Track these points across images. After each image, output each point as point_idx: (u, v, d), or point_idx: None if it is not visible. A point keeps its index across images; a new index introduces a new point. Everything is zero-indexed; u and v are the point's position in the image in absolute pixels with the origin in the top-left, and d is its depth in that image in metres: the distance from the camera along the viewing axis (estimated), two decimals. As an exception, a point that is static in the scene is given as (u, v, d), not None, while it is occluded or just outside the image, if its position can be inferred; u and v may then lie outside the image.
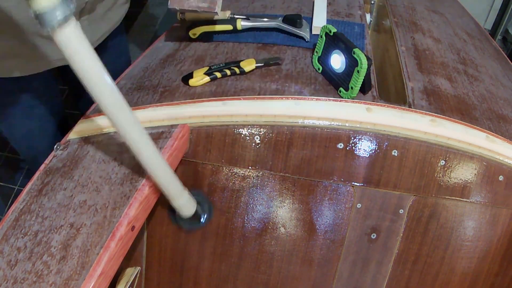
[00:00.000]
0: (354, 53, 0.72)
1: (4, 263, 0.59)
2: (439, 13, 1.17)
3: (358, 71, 0.72)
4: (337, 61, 0.78)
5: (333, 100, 0.76)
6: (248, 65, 0.84)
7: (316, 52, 0.83)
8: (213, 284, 0.82)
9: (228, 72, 0.83)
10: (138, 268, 0.82)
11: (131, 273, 0.80)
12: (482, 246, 0.79)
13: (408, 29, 1.03)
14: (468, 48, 1.04)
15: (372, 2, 1.18)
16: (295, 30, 0.92)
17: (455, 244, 0.78)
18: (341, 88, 0.77)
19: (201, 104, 0.77)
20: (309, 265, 0.79)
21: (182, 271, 0.83)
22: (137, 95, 0.83)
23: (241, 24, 0.93)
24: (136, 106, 0.79)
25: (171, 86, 0.83)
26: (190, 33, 0.94)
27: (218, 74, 0.83)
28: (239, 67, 0.83)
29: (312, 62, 0.85)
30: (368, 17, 1.09)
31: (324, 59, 0.81)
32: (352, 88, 0.74)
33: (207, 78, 0.82)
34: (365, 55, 0.72)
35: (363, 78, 0.72)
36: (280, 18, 0.94)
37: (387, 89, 0.95)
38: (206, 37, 0.95)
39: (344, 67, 0.76)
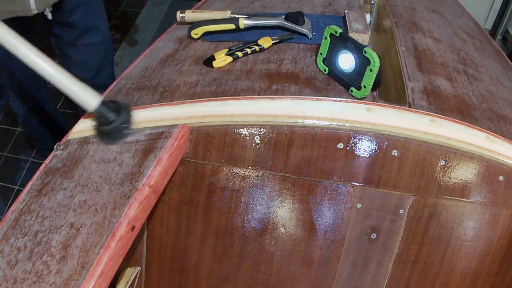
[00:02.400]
0: (365, 52, 0.72)
1: (4, 263, 0.59)
2: (439, 13, 1.17)
3: (370, 70, 0.72)
4: (346, 61, 0.77)
5: (333, 100, 0.76)
6: (266, 42, 0.88)
7: (321, 53, 0.82)
8: (213, 284, 0.82)
9: (249, 50, 0.87)
10: (138, 268, 0.82)
11: (131, 273, 0.80)
12: (482, 246, 0.79)
13: (408, 29, 1.03)
14: (468, 48, 1.04)
15: (372, 2, 1.18)
16: (297, 27, 0.93)
17: (455, 244, 0.78)
18: (352, 88, 0.77)
19: (201, 104, 0.77)
20: (309, 265, 0.79)
21: (182, 271, 0.83)
22: (137, 95, 0.83)
23: (244, 23, 0.93)
24: (136, 106, 0.79)
25: (171, 86, 0.83)
26: (192, 33, 0.94)
27: (240, 54, 0.86)
28: (257, 45, 0.87)
29: (316, 63, 0.85)
30: (368, 17, 1.09)
31: (330, 60, 0.81)
32: (365, 86, 0.74)
33: (229, 58, 0.86)
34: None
35: (375, 76, 0.73)
36: (282, 16, 0.95)
37: (387, 89, 0.95)
38: (209, 37, 0.95)
39: (354, 66, 0.76)
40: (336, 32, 0.78)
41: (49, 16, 1.09)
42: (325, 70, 0.83)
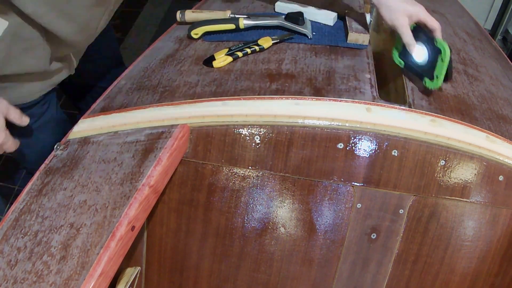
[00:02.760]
0: (436, 42, 0.73)
1: (4, 263, 0.59)
2: (439, 13, 1.17)
3: (442, 59, 0.73)
4: (420, 53, 0.79)
5: (333, 100, 0.76)
6: (266, 42, 0.88)
7: (396, 48, 0.85)
8: (213, 284, 0.82)
9: (249, 50, 0.87)
10: (138, 268, 0.82)
11: (131, 273, 0.80)
12: (482, 246, 0.79)
13: None
14: (468, 48, 1.04)
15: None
16: (297, 27, 0.93)
17: (455, 244, 0.78)
18: (425, 79, 0.78)
19: (201, 104, 0.77)
20: (309, 265, 0.79)
21: (182, 271, 0.83)
22: (137, 95, 0.83)
23: (244, 22, 0.93)
24: (136, 106, 0.79)
25: (171, 86, 0.83)
26: (192, 33, 0.94)
27: (239, 54, 0.86)
28: (257, 45, 0.88)
29: (392, 58, 0.87)
30: (368, 17, 1.09)
31: (405, 54, 0.83)
32: (437, 77, 0.76)
33: (229, 58, 0.86)
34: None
35: (447, 65, 0.74)
36: (282, 16, 0.95)
37: (387, 89, 0.95)
38: (209, 37, 0.95)
39: (427, 58, 0.78)
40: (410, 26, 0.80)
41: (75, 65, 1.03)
42: (400, 63, 0.84)
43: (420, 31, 0.78)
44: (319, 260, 0.79)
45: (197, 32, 0.94)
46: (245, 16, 0.94)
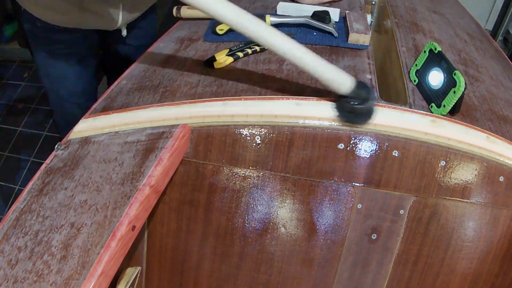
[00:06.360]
0: (454, 74, 0.74)
1: (5, 263, 0.59)
2: (440, 13, 1.17)
3: (454, 92, 0.74)
4: (436, 78, 0.79)
5: (333, 100, 0.76)
6: None
7: (416, 65, 0.85)
8: (214, 284, 0.82)
9: (249, 51, 0.86)
10: (139, 268, 0.82)
11: (131, 273, 0.80)
12: (482, 247, 0.79)
13: (409, 29, 1.03)
14: (469, 49, 1.04)
15: (373, 2, 1.18)
16: (324, 26, 0.93)
17: (456, 245, 0.78)
18: (432, 104, 0.78)
19: (202, 104, 0.77)
20: (310, 266, 0.79)
21: (183, 271, 0.83)
22: (138, 95, 0.83)
23: (270, 20, 0.93)
24: (137, 106, 0.79)
25: (172, 86, 0.83)
26: (217, 29, 0.95)
27: (240, 54, 0.86)
28: (258, 45, 0.87)
29: (408, 73, 0.86)
30: (369, 18, 1.09)
31: (422, 73, 0.83)
32: (444, 106, 0.76)
33: (230, 59, 0.85)
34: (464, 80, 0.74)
35: (457, 99, 0.74)
36: (308, 14, 0.95)
37: (387, 89, 0.95)
38: (210, 37, 0.95)
39: (441, 85, 0.78)
40: (435, 49, 0.80)
41: (124, 33, 1.13)
42: (414, 81, 0.85)
43: (442, 58, 0.78)
44: (319, 261, 0.79)
45: (222, 28, 0.94)
46: (271, 14, 0.95)
